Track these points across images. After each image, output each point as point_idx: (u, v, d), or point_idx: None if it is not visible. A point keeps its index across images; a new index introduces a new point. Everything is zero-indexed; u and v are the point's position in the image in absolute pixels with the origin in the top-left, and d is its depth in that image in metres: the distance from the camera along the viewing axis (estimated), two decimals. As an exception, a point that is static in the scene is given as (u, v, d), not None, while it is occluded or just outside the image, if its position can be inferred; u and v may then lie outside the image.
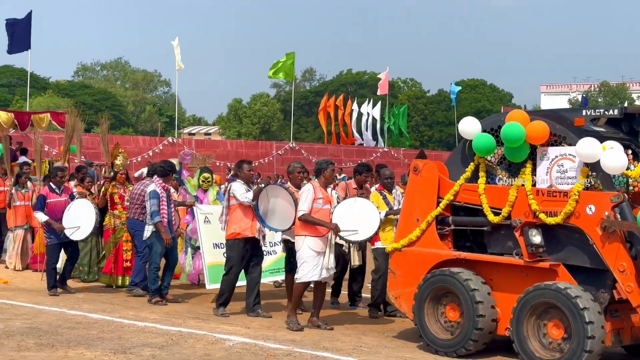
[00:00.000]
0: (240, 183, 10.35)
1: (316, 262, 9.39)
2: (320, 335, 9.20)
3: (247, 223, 10.20)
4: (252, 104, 73.07)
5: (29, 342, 8.31)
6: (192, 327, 9.37)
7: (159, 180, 11.19)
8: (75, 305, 10.76)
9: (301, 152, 34.60)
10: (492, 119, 8.90)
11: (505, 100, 78.13)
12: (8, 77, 74.44)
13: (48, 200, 11.76)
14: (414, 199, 9.09)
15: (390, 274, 9.21)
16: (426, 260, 8.79)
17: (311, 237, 9.40)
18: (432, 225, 8.84)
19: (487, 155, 8.63)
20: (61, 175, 12.05)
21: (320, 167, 9.76)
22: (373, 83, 74.25)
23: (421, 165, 9.06)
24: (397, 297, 9.13)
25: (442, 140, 71.31)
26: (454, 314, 8.47)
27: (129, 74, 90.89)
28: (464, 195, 8.70)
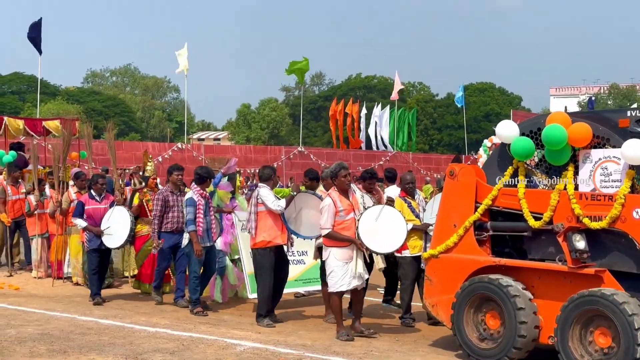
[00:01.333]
0: (267, 189, 10.09)
1: (344, 272, 9.19)
2: (332, 339, 9.20)
3: (277, 231, 9.99)
4: (261, 109, 73.18)
5: (40, 348, 8.35)
6: (203, 332, 9.39)
7: (196, 188, 10.82)
8: (86, 311, 10.79)
9: (310, 157, 34.61)
10: (530, 122, 8.64)
11: (515, 104, 77.93)
12: (18, 84, 74.83)
13: (87, 207, 11.67)
14: (450, 204, 8.82)
15: (427, 281, 8.97)
16: (464, 267, 8.53)
17: (336, 248, 9.22)
18: (470, 230, 8.58)
19: (526, 159, 8.41)
20: (102, 183, 11.92)
21: (333, 174, 9.46)
22: (382, 87, 74.32)
23: (457, 169, 8.82)
24: (434, 305, 8.87)
25: (451, 143, 71.16)
26: (495, 322, 8.20)
27: (138, 80, 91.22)
28: (502, 199, 8.45)
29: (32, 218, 14.22)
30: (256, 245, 10.06)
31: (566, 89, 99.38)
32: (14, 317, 10.11)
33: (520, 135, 8.43)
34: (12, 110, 60.24)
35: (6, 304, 11.21)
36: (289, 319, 10.51)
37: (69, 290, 12.83)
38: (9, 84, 75.26)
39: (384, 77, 78.90)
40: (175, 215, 11.24)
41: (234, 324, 10.04)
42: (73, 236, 13.14)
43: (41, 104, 50.97)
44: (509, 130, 8.54)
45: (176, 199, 11.26)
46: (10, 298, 11.80)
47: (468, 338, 8.31)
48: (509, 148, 8.49)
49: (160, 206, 11.18)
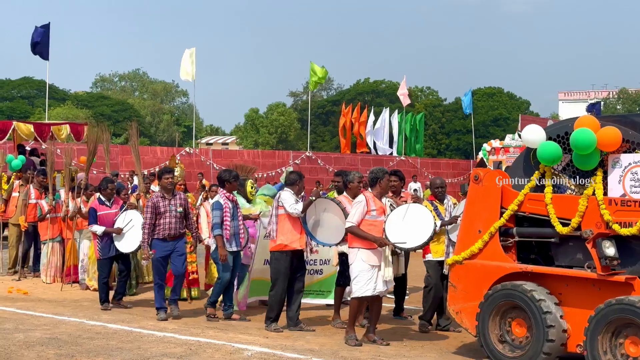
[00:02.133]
0: (290, 192, 10.01)
1: (370, 276, 9.01)
2: (339, 344, 9.18)
3: (296, 235, 9.90)
4: (269, 113, 73.27)
5: (49, 352, 8.36)
6: (211, 337, 9.38)
7: (223, 191, 10.68)
8: (94, 315, 10.81)
9: (318, 162, 34.60)
10: (557, 126, 8.51)
11: (523, 108, 77.75)
12: (28, 88, 75.11)
13: (99, 213, 11.59)
14: (475, 210, 8.67)
15: (451, 287, 8.79)
16: (489, 274, 8.37)
17: (365, 250, 9.03)
18: (496, 236, 8.43)
19: (553, 164, 8.27)
20: (111, 188, 11.86)
21: (377, 177, 9.28)
22: (390, 92, 74.21)
23: (482, 174, 8.67)
24: (458, 312, 8.69)
25: (459, 148, 71.04)
26: (521, 330, 8.08)
27: (147, 84, 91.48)
28: (529, 205, 8.30)
29: (44, 222, 14.21)
30: (274, 248, 10.00)
31: (575, 93, 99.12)
32: (22, 322, 10.13)
33: (547, 140, 8.28)
34: (22, 114, 60.50)
35: (15, 308, 11.24)
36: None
37: (77, 294, 12.86)
38: (18, 89, 75.55)
39: (392, 82, 78.79)
40: (167, 221, 10.64)
41: (242, 329, 10.03)
42: (92, 242, 12.94)
43: (50, 108, 51.20)
44: (536, 134, 8.40)
45: (168, 204, 10.68)
46: (19, 302, 11.83)
47: (494, 346, 8.17)
48: (534, 153, 8.36)
49: (150, 213, 10.58)
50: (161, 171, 11.03)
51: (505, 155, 34.30)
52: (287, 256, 9.93)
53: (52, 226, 14.12)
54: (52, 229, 14.12)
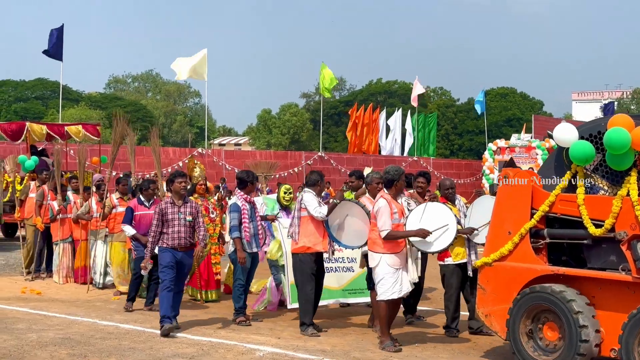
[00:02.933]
0: (312, 194, 9.87)
1: (395, 279, 8.90)
2: (351, 345, 9.18)
3: (319, 238, 9.78)
4: (282, 114, 73.34)
5: (61, 352, 8.40)
6: (223, 337, 9.39)
7: (240, 193, 10.47)
8: (107, 315, 10.85)
9: (330, 162, 34.61)
10: (590, 125, 8.28)
11: (536, 108, 77.52)
12: (41, 89, 75.52)
13: (136, 213, 11.46)
14: (504, 210, 8.44)
15: (480, 290, 8.58)
16: (520, 276, 8.17)
17: (388, 255, 8.93)
18: (526, 238, 8.20)
19: (586, 164, 8.07)
20: (153, 188, 11.73)
21: (392, 179, 9.13)
22: (403, 92, 74.21)
23: (512, 174, 8.46)
24: (488, 314, 8.48)
25: (472, 149, 70.90)
26: (553, 334, 7.87)
27: (160, 85, 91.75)
28: (560, 206, 8.09)
29: (55, 223, 14.28)
30: (296, 250, 9.88)
31: (588, 93, 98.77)
32: (35, 322, 10.18)
33: (579, 139, 8.10)
34: (36, 115, 60.80)
35: (28, 308, 11.30)
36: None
37: (90, 295, 12.90)
38: (32, 90, 75.99)
39: (405, 83, 78.76)
40: (174, 230, 9.79)
41: (254, 329, 10.04)
42: (115, 244, 12.97)
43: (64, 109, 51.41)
44: (568, 133, 8.21)
45: (177, 211, 9.85)
46: (32, 302, 11.89)
47: (524, 349, 8.00)
48: (567, 152, 8.19)
49: (157, 220, 9.77)
50: (173, 174, 10.10)
51: (511, 155, 34.19)
52: (312, 257, 9.82)
53: (62, 227, 14.19)
54: (62, 230, 14.18)
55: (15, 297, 12.47)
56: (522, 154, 34.09)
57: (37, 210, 14.52)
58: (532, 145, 34.09)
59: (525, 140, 34.74)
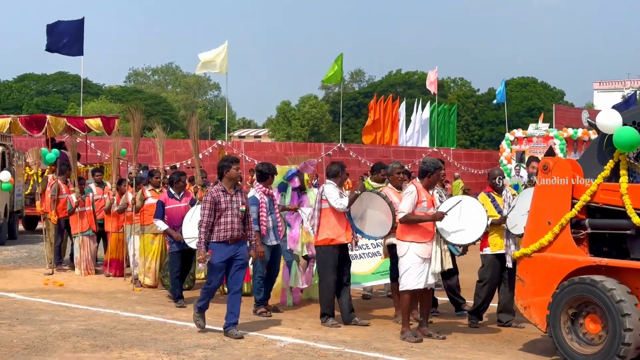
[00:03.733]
0: (333, 186, 9.76)
1: (422, 269, 8.83)
2: (372, 335, 9.18)
3: (341, 229, 9.68)
4: (301, 106, 73.33)
5: (84, 343, 8.46)
6: (244, 328, 9.41)
7: (259, 185, 10.35)
8: (129, 307, 10.91)
9: (350, 154, 34.58)
10: (635, 111, 8.06)
11: (557, 98, 77.01)
12: (62, 83, 76.03)
13: (167, 207, 11.27)
14: (544, 200, 8.24)
15: (519, 281, 8.41)
16: (560, 267, 7.99)
17: (416, 244, 8.86)
18: (567, 228, 8.01)
19: (630, 151, 7.85)
20: (183, 180, 11.59)
21: (427, 170, 9.07)
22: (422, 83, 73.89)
23: (552, 163, 8.26)
24: (527, 306, 8.32)
25: (492, 139, 70.54)
26: (595, 326, 7.68)
27: (180, 78, 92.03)
28: (602, 195, 7.90)
29: (74, 216, 14.34)
30: (319, 243, 9.82)
31: (610, 83, 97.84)
32: (58, 313, 10.27)
33: (623, 125, 7.90)
34: (57, 109, 61.20)
35: (50, 300, 11.39)
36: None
37: (112, 286, 12.99)
38: (53, 84, 76.53)
39: (424, 73, 78.41)
40: (228, 220, 8.99)
41: (275, 320, 10.06)
42: (146, 235, 12.75)
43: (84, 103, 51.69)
44: (612, 119, 7.99)
45: (230, 199, 9.06)
46: (55, 294, 11.98)
47: (565, 342, 7.80)
48: (609, 139, 7.99)
49: (209, 209, 8.96)
50: (227, 160, 9.25)
51: (529, 145, 34.02)
52: (335, 249, 9.74)
53: (81, 220, 14.22)
54: (81, 222, 14.22)
55: (38, 288, 12.57)
56: (540, 144, 33.91)
57: (52, 204, 14.50)
58: (550, 134, 33.88)
59: (542, 130, 34.54)
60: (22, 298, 11.54)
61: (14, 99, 69.74)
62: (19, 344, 8.33)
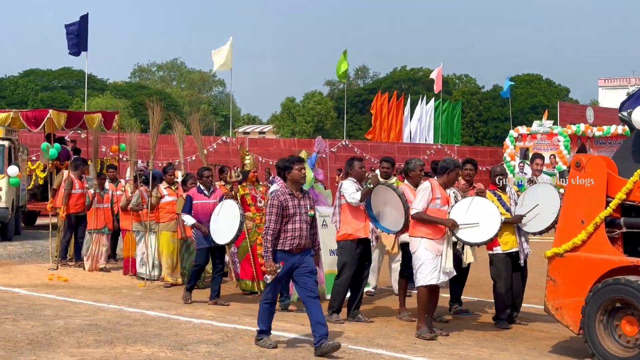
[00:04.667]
0: (351, 182, 9.75)
1: (435, 265, 8.79)
2: (375, 332, 9.19)
3: (360, 224, 9.66)
4: (306, 102, 73.29)
5: (88, 338, 8.48)
6: (248, 324, 9.44)
7: (281, 181, 9.99)
8: (133, 302, 10.94)
9: (354, 150, 34.56)
10: None
11: (562, 95, 76.86)
12: (67, 79, 76.05)
13: (195, 202, 11.13)
14: (576, 199, 8.02)
15: (550, 282, 8.18)
16: (594, 267, 7.74)
17: (427, 240, 8.82)
18: (601, 227, 7.79)
19: None
20: (207, 175, 11.37)
21: (447, 167, 8.98)
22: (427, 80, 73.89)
23: (585, 160, 8.03)
24: (559, 307, 8.07)
25: (497, 136, 70.37)
26: (632, 328, 7.45)
27: (185, 74, 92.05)
28: (638, 193, 7.66)
29: (90, 211, 14.11)
30: (339, 238, 9.84)
31: (615, 80, 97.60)
32: (62, 309, 10.29)
33: None
34: (62, 104, 61.24)
35: (55, 295, 11.43)
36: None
37: (116, 282, 13.03)
38: (59, 79, 76.53)
39: (429, 70, 78.26)
40: (296, 227, 8.10)
41: (278, 316, 10.02)
42: (164, 233, 12.65)
43: (89, 98, 51.76)
44: None
45: (297, 204, 8.19)
46: (59, 289, 12.01)
47: (601, 344, 7.59)
48: None
49: (275, 215, 8.05)
50: (290, 160, 8.42)
51: (533, 142, 33.97)
52: (353, 244, 9.69)
53: (97, 217, 14.02)
54: (97, 219, 14.03)
55: (43, 284, 12.61)
56: (544, 141, 33.85)
57: (65, 200, 14.41)
58: (554, 132, 33.83)
59: (547, 127, 34.48)
60: (26, 293, 11.57)
61: (20, 94, 69.81)
62: (23, 339, 8.36)
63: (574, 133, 33.77)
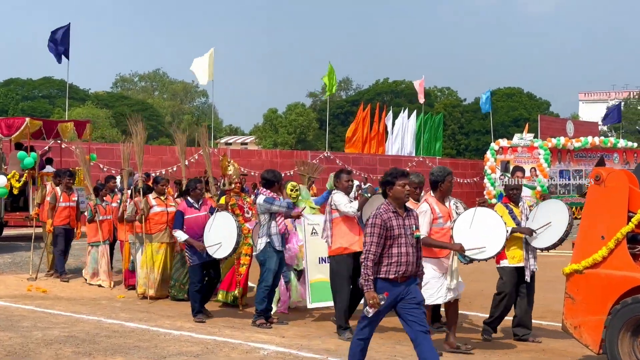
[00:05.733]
0: (341, 194, 9.61)
1: (440, 284, 8.66)
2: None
3: (354, 237, 9.48)
4: (288, 113, 73.38)
5: (66, 350, 8.42)
6: (227, 335, 9.41)
7: (267, 192, 10.19)
8: (112, 314, 10.87)
9: (336, 162, 34.60)
10: None
11: (543, 109, 77.39)
12: (48, 88, 75.73)
13: (186, 216, 10.83)
14: (596, 213, 7.81)
15: (568, 299, 7.90)
16: (616, 285, 7.48)
17: (432, 259, 8.61)
18: (623, 243, 7.53)
19: None
20: (200, 188, 11.12)
21: (437, 180, 8.77)
22: (409, 92, 74.20)
23: (605, 173, 7.79)
24: (577, 326, 7.80)
25: (478, 148, 70.74)
26: None
27: (167, 85, 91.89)
28: None
29: (93, 224, 13.67)
30: (332, 253, 9.61)
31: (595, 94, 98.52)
32: (40, 320, 10.21)
33: None
34: (43, 114, 60.90)
35: (33, 306, 11.33)
36: (314, 323, 10.48)
37: (95, 293, 12.94)
38: (39, 89, 76.18)
39: (411, 82, 78.55)
40: (402, 252, 6.87)
41: (258, 328, 10.05)
42: (153, 244, 12.29)
43: (70, 108, 51.51)
44: None
45: (402, 224, 6.96)
46: (37, 300, 11.92)
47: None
48: None
49: (377, 237, 6.86)
50: (393, 174, 7.15)
51: (514, 155, 34.17)
52: (349, 258, 9.51)
53: (101, 229, 13.62)
54: (101, 231, 13.64)
55: (21, 295, 12.51)
56: (525, 154, 34.05)
57: (50, 213, 14.14)
58: (535, 145, 34.05)
59: (527, 140, 34.71)
60: (4, 304, 11.47)
61: (0, 104, 69.40)
62: (0, 351, 8.27)
63: (555, 146, 33.99)
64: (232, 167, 11.92)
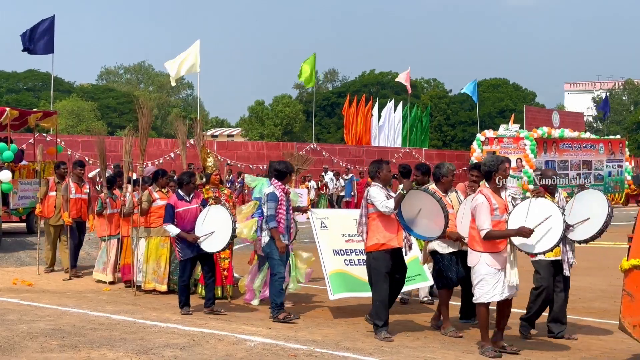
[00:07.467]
0: (379, 188, 9.10)
1: (496, 280, 8.18)
2: (342, 335, 9.19)
3: (392, 233, 9.07)
4: (274, 105, 73.25)
5: (52, 343, 8.39)
6: (214, 327, 9.40)
7: (277, 183, 10.14)
8: (98, 306, 10.84)
9: (322, 153, 34.60)
10: None
11: (529, 100, 77.57)
12: (33, 81, 75.26)
13: (177, 210, 10.59)
14: None
15: (627, 297, 7.45)
16: None
17: (488, 254, 8.21)
18: None
19: None
20: (193, 181, 10.85)
21: (490, 170, 8.35)
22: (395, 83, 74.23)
23: None
24: (636, 325, 7.36)
25: (464, 139, 70.86)
26: None
27: (153, 77, 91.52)
28: None
29: (102, 218, 13.42)
30: (370, 249, 9.17)
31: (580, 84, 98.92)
32: (26, 313, 10.17)
33: None
34: (27, 107, 60.52)
35: (19, 299, 11.29)
36: (300, 314, 10.48)
37: (81, 286, 12.91)
38: (24, 81, 75.70)
39: (398, 74, 78.63)
40: None
41: (245, 320, 10.05)
42: (155, 238, 12.22)
43: (56, 101, 51.24)
44: None
45: None
46: (23, 294, 11.88)
47: None
48: None
49: None
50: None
51: (500, 146, 34.29)
52: (386, 254, 9.10)
53: (109, 223, 13.35)
54: (109, 226, 13.36)
55: (7, 288, 12.46)
56: (510, 145, 34.18)
57: (65, 205, 13.73)
58: (521, 135, 34.16)
59: (513, 131, 34.83)
60: (-11, 298, 11.43)
61: (-16, 97, 69.00)
62: (-14, 344, 8.25)
63: (540, 137, 34.10)
64: (212, 159, 11.81)
